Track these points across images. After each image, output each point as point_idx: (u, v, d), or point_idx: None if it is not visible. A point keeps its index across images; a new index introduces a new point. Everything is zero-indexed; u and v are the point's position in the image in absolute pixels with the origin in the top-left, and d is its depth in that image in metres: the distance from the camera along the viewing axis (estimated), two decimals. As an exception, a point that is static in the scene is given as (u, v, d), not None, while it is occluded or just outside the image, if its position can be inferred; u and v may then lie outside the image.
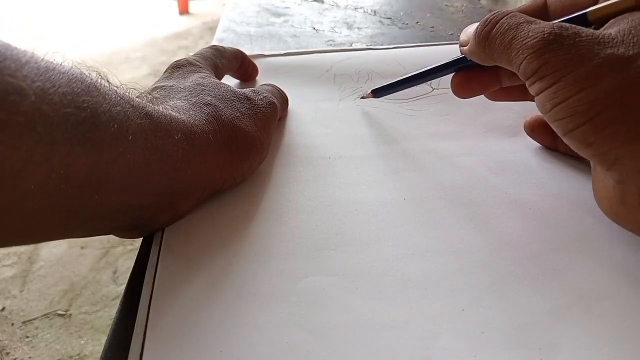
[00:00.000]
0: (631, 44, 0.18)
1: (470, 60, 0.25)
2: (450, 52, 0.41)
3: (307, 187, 0.26)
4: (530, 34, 0.19)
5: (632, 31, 0.18)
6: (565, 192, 0.25)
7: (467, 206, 0.24)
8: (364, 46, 0.45)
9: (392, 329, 0.18)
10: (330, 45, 0.47)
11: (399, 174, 0.27)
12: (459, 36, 0.25)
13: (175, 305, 0.19)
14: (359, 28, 0.51)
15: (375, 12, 0.57)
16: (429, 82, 0.36)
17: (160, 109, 0.21)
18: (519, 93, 0.27)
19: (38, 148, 0.14)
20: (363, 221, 0.23)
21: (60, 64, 0.16)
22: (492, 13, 0.22)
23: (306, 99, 0.35)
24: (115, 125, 0.17)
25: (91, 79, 0.17)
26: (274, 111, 0.28)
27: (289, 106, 0.33)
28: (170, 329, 0.18)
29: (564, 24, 0.19)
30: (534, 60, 0.19)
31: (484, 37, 0.22)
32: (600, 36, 0.18)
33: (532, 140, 0.29)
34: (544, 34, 0.19)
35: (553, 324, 0.18)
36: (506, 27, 0.21)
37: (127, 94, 0.19)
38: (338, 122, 0.32)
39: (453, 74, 0.27)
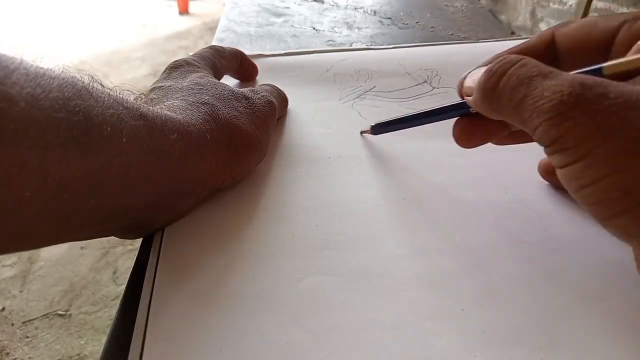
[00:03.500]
0: None
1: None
2: (450, 51, 0.41)
3: (307, 187, 0.26)
4: (545, 93, 0.16)
5: None
6: (565, 192, 0.25)
7: (467, 206, 0.24)
8: (364, 46, 0.45)
9: (392, 329, 0.18)
10: (330, 45, 0.47)
11: (399, 174, 0.27)
12: (459, 36, 0.25)
13: (175, 305, 0.19)
14: (359, 28, 0.51)
15: (375, 12, 0.57)
16: (429, 81, 0.36)
17: (156, 109, 0.21)
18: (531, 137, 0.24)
19: (31, 154, 0.14)
20: (363, 221, 0.23)
21: (51, 69, 0.16)
22: (497, 60, 0.19)
23: (306, 99, 0.35)
24: (109, 128, 0.17)
25: (82, 83, 0.17)
26: (272, 110, 0.28)
27: (289, 106, 0.33)
28: (170, 329, 0.18)
29: (586, 78, 0.16)
30: (551, 128, 0.16)
31: (490, 90, 0.18)
32: (634, 98, 0.15)
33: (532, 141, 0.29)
34: (563, 95, 0.15)
35: (553, 324, 0.18)
36: (515, 82, 0.17)
37: (121, 96, 0.19)
38: (338, 122, 0.32)
39: (456, 119, 0.23)
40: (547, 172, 0.25)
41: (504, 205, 0.24)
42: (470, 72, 0.21)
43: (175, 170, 0.20)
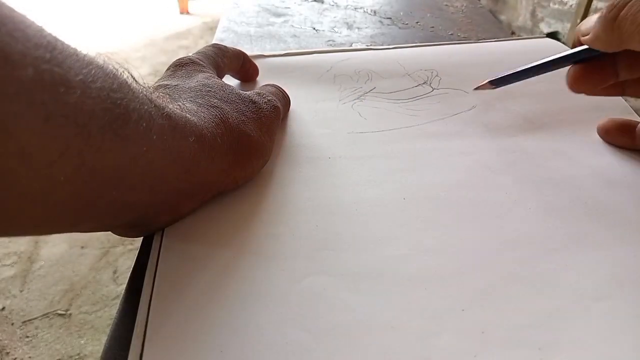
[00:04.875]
0: None
1: (588, 52, 0.24)
2: (450, 51, 0.41)
3: (307, 187, 0.26)
4: None
5: None
6: (565, 192, 0.25)
7: (467, 206, 0.24)
8: (364, 46, 0.45)
9: (392, 329, 0.18)
10: (330, 45, 0.47)
11: (399, 174, 0.27)
12: (459, 36, 0.25)
13: (176, 305, 0.19)
14: (359, 28, 0.51)
15: (375, 12, 0.57)
16: (429, 82, 0.36)
17: (177, 110, 0.21)
18: (629, 88, 0.27)
19: (75, 140, 0.14)
20: (363, 221, 0.23)
21: (95, 58, 0.16)
22: None
23: (306, 99, 0.35)
24: (144, 124, 0.17)
25: (123, 76, 0.17)
26: (277, 115, 0.28)
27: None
28: (170, 329, 0.18)
29: None
30: None
31: (611, 19, 0.21)
32: None
33: (534, 139, 0.29)
34: None
35: (553, 324, 0.18)
36: (636, 9, 0.20)
37: (149, 93, 0.19)
38: (338, 122, 0.32)
39: (569, 67, 0.26)
40: (607, 132, 0.29)
41: (504, 205, 0.24)
42: (585, 20, 0.24)
43: (188, 171, 0.21)
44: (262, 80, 0.37)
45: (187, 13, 2.75)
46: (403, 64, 0.39)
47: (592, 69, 0.25)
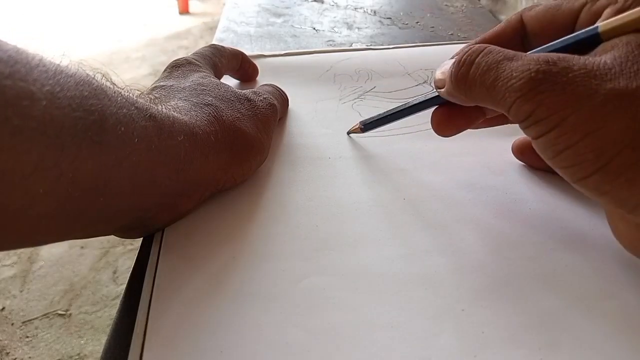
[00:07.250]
0: (632, 74, 0.16)
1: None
2: (450, 51, 0.41)
3: (307, 187, 0.26)
4: (514, 73, 0.17)
5: (630, 57, 0.16)
6: (566, 192, 0.25)
7: (467, 206, 0.24)
8: (364, 46, 0.45)
9: (392, 329, 0.18)
10: (330, 45, 0.47)
11: (399, 174, 0.27)
12: (459, 36, 0.25)
13: (175, 305, 0.19)
14: (359, 28, 0.51)
15: (375, 12, 0.57)
16: (429, 82, 0.36)
17: (163, 110, 0.21)
18: (504, 119, 0.25)
19: (48, 152, 0.14)
20: (363, 221, 0.23)
21: (67, 67, 0.16)
22: (463, 50, 0.20)
23: (306, 99, 0.35)
24: (122, 128, 0.17)
25: (98, 82, 0.17)
26: (274, 112, 0.28)
27: (289, 106, 0.33)
28: (170, 329, 0.18)
29: (550, 56, 0.17)
30: (524, 104, 0.17)
31: (461, 80, 0.20)
32: (595, 68, 0.16)
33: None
34: (531, 73, 0.17)
35: (553, 324, 0.18)
36: (485, 68, 0.19)
37: (131, 95, 0.19)
38: (338, 122, 0.32)
39: (433, 109, 0.24)
40: (522, 152, 0.26)
41: (503, 205, 0.24)
42: (440, 66, 0.22)
43: (181, 171, 0.21)
44: (262, 80, 0.37)
45: (187, 13, 2.75)
46: (403, 63, 0.39)
47: (457, 111, 0.23)
